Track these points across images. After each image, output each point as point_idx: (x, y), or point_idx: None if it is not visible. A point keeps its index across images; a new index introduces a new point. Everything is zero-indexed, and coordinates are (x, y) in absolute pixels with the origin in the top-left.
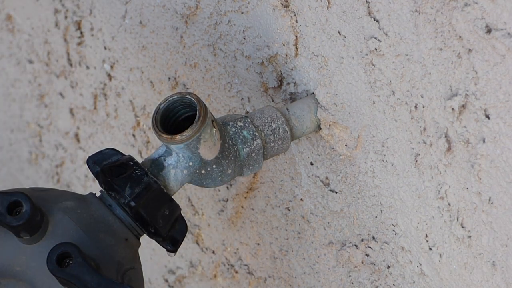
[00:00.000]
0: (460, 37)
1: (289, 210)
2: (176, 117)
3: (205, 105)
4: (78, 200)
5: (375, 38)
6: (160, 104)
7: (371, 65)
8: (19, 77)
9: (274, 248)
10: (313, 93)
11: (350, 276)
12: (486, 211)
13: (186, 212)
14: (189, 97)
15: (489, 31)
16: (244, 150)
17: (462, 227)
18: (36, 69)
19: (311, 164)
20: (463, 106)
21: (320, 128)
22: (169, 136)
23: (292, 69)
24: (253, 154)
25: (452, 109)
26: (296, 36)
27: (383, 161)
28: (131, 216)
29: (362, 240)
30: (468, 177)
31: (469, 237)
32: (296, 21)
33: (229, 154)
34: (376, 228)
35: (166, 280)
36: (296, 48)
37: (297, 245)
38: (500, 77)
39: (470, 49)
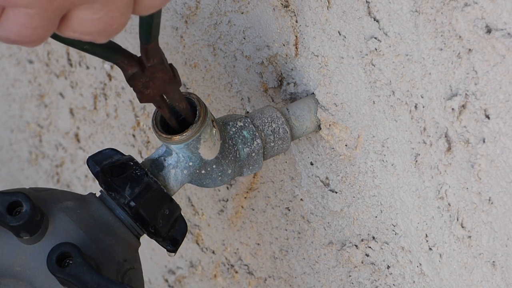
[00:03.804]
0: (460, 37)
1: (289, 210)
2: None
3: (205, 105)
4: (78, 200)
5: (375, 38)
6: None
7: (371, 65)
8: (19, 77)
9: (274, 248)
10: (313, 93)
11: (350, 276)
12: (486, 211)
13: (186, 212)
14: (189, 97)
15: (489, 31)
16: (244, 150)
17: (462, 227)
18: (36, 69)
19: (311, 164)
20: (463, 106)
21: (320, 128)
22: (169, 136)
23: (292, 69)
24: (253, 154)
25: (452, 109)
26: (296, 36)
27: (383, 161)
28: (131, 216)
29: (362, 240)
30: (468, 177)
31: (469, 237)
32: (296, 21)
33: (229, 154)
34: (376, 228)
35: (166, 280)
36: (296, 48)
37: (297, 245)
38: (500, 77)
39: (470, 49)
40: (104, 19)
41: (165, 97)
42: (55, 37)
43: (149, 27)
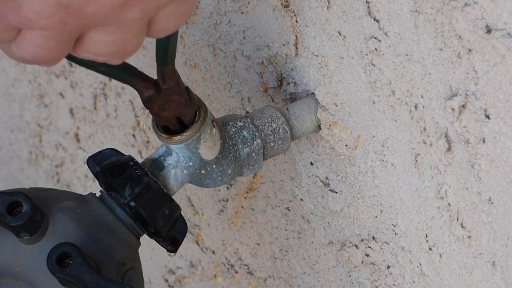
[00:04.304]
0: (460, 37)
1: (289, 210)
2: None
3: (205, 105)
4: (78, 200)
5: (375, 38)
6: None
7: (371, 65)
8: (19, 77)
9: (274, 248)
10: (313, 93)
11: (350, 276)
12: (486, 211)
13: (186, 212)
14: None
15: (489, 31)
16: (244, 150)
17: (462, 227)
18: (36, 69)
19: (311, 164)
20: (463, 106)
21: (320, 128)
22: (169, 136)
23: (292, 69)
24: (253, 154)
25: (452, 109)
26: (296, 36)
27: (383, 161)
28: (131, 216)
29: (362, 240)
30: (468, 177)
31: (469, 237)
32: (296, 21)
33: (229, 154)
34: (376, 228)
35: (166, 280)
36: (296, 48)
37: (297, 245)
38: (500, 77)
39: (470, 49)
40: (118, 42)
41: (181, 119)
42: (71, 58)
43: (165, 50)
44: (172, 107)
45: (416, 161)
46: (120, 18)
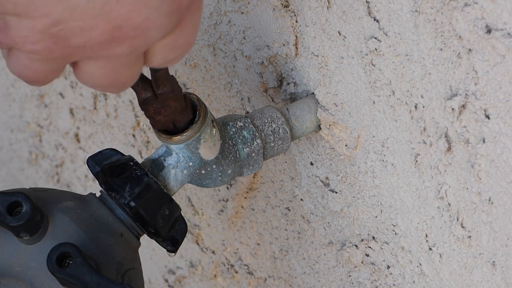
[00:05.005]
0: (460, 37)
1: (289, 210)
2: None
3: (205, 105)
4: (78, 200)
5: (375, 38)
6: None
7: (371, 65)
8: None
9: (274, 248)
10: (313, 93)
11: (350, 276)
12: (486, 211)
13: (186, 212)
14: (189, 97)
15: (489, 31)
16: (244, 150)
17: (462, 227)
18: None
19: (311, 164)
20: (463, 106)
21: (320, 128)
22: (169, 136)
23: (292, 69)
24: (253, 154)
25: (452, 109)
26: (296, 36)
27: (383, 161)
28: (131, 216)
29: (362, 240)
30: (468, 177)
31: (469, 237)
32: (296, 21)
33: (229, 154)
34: (376, 228)
35: (166, 280)
36: (296, 48)
37: (297, 245)
38: (500, 77)
39: (470, 49)
40: (111, 74)
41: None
42: None
43: None
44: (168, 112)
45: (416, 161)
46: (108, 52)
